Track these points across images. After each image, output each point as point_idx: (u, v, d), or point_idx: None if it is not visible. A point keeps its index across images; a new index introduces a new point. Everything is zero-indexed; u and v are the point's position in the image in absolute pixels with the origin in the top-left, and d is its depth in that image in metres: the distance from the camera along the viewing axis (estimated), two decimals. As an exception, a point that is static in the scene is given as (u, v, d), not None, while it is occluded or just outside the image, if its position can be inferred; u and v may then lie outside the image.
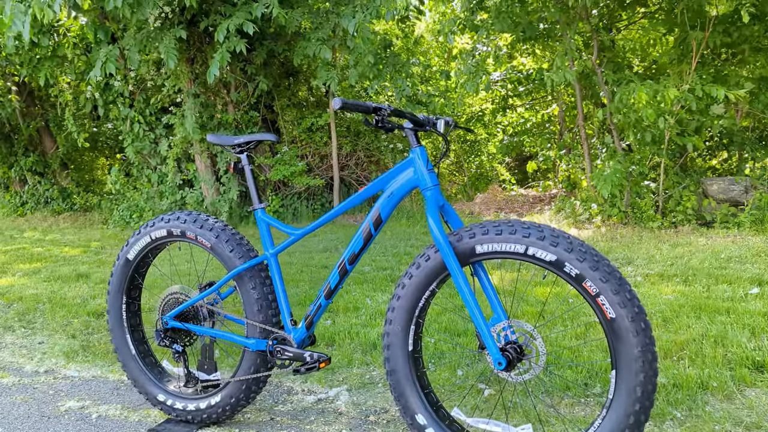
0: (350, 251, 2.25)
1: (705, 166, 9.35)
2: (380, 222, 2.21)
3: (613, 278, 1.88)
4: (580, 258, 1.90)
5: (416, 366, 2.18)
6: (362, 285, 5.01)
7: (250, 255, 2.45)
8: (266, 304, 2.41)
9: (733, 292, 4.18)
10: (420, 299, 2.13)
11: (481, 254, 2.03)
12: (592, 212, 7.60)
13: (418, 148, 2.14)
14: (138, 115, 8.90)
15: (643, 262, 5.36)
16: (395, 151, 9.73)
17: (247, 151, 2.47)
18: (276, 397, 2.95)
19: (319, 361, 2.26)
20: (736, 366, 2.98)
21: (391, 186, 2.19)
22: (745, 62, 8.21)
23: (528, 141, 10.67)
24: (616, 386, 1.89)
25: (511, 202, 9.49)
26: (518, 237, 1.97)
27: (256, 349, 2.40)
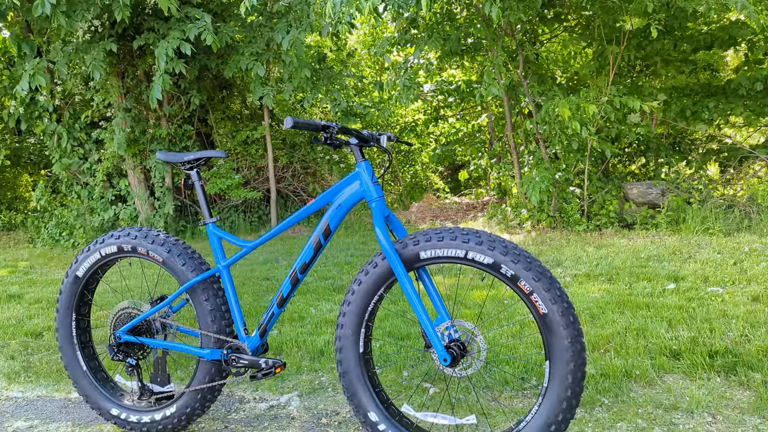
0: (301, 261, 2.37)
1: (625, 171, 9.93)
2: (329, 232, 2.34)
3: (545, 277, 2.08)
4: (515, 260, 2.08)
5: (367, 367, 2.32)
6: (305, 295, 5.10)
7: (202, 268, 2.53)
8: (220, 315, 2.49)
9: (653, 288, 4.52)
10: (369, 304, 2.27)
11: (425, 260, 2.19)
12: (522, 218, 7.95)
13: (363, 162, 2.29)
14: (65, 130, 8.68)
15: (571, 263, 5.69)
16: (331, 162, 9.86)
17: (197, 168, 2.56)
18: (228, 406, 3.02)
19: (275, 366, 2.37)
20: (656, 355, 3.25)
21: (339, 198, 2.33)
22: (657, 74, 8.80)
23: (460, 150, 11.02)
24: (550, 375, 2.08)
25: (446, 209, 9.77)
26: (458, 243, 2.14)
27: (211, 358, 2.48)
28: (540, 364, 3.21)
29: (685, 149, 9.35)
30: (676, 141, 9.48)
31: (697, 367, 3.07)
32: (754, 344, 3.24)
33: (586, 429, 2.55)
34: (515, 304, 4.33)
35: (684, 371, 3.06)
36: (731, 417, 2.58)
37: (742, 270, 4.92)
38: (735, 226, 6.96)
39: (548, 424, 2.06)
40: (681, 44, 8.24)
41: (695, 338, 3.40)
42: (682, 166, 8.79)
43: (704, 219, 7.06)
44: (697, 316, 3.78)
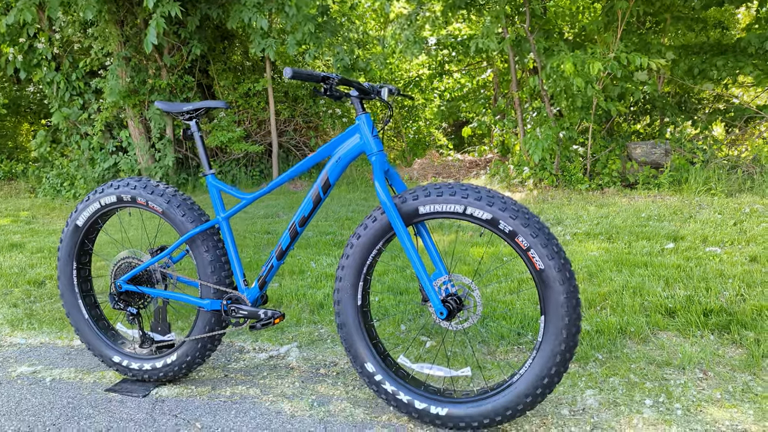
0: (300, 214, 2.37)
1: (630, 130, 9.85)
2: (329, 186, 2.33)
3: (542, 234, 2.08)
4: (513, 216, 2.09)
5: (365, 319, 2.34)
6: (306, 249, 5.13)
7: (201, 219, 2.54)
8: (219, 266, 2.51)
9: (651, 248, 4.53)
10: (368, 257, 2.28)
11: (424, 215, 2.19)
12: (525, 176, 7.92)
13: (363, 115, 2.27)
14: (64, 79, 8.58)
15: (571, 222, 5.70)
16: (334, 116, 9.78)
17: (196, 118, 2.54)
18: (228, 356, 3.07)
19: (273, 317, 2.40)
20: (651, 313, 3.29)
21: (339, 152, 2.32)
22: (666, 31, 8.64)
23: (464, 107, 10.91)
24: (545, 330, 2.10)
25: (448, 167, 9.74)
26: (457, 198, 2.14)
27: (210, 309, 2.51)
28: (536, 319, 3.25)
29: (691, 109, 9.25)
30: (682, 100, 9.37)
31: (691, 325, 3.10)
32: (749, 303, 3.26)
33: (578, 383, 2.60)
34: (513, 261, 4.35)
35: (678, 329, 3.10)
36: (722, 373, 2.62)
37: (742, 230, 4.92)
38: (737, 187, 6.94)
39: (541, 377, 2.10)
40: (692, 0, 8.06)
41: (691, 297, 3.43)
42: (688, 125, 8.72)
43: (707, 179, 7.04)
44: (694, 275, 3.80)
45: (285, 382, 2.71)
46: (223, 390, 2.65)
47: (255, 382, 2.73)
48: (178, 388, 2.68)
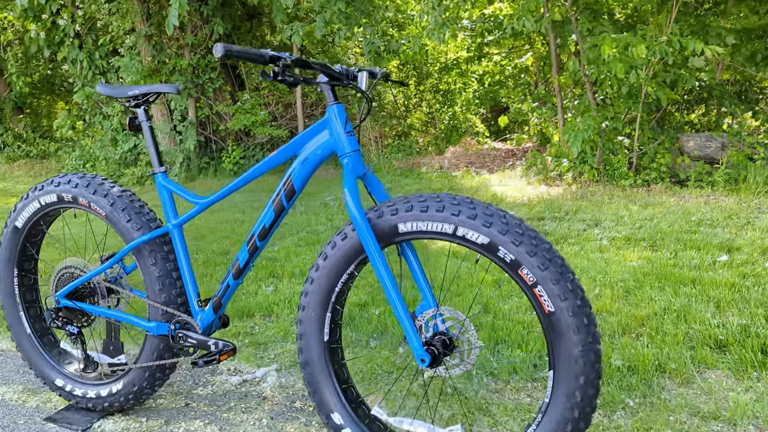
0: (260, 225, 1.95)
1: (682, 121, 9.10)
2: (293, 193, 1.89)
3: (554, 265, 1.60)
4: (516, 241, 1.61)
5: (333, 358, 1.91)
6: (314, 246, 4.72)
7: (150, 226, 2.13)
8: (169, 282, 2.11)
9: (701, 260, 3.96)
10: (336, 283, 1.84)
11: (405, 234, 1.73)
12: (563, 169, 7.33)
13: (335, 105, 1.82)
14: (87, 57, 8.34)
15: (610, 223, 5.13)
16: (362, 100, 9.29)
17: (144, 105, 2.12)
18: (197, 378, 2.68)
19: (221, 352, 1.98)
20: (697, 345, 2.76)
21: (305, 150, 1.88)
22: (727, 13, 7.87)
23: (503, 92, 10.30)
24: (554, 389, 1.63)
25: (483, 156, 9.19)
26: (446, 215, 1.67)
27: (157, 333, 2.11)
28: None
29: (752, 99, 8.46)
30: (742, 89, 8.58)
31: (746, 363, 2.57)
32: (820, 340, 2.70)
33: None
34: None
35: (730, 368, 2.57)
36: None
37: (809, 242, 4.29)
38: (803, 187, 6.22)
39: (546, 452, 1.63)
40: (758, -21, 7.28)
41: (747, 327, 2.88)
42: (748, 117, 7.94)
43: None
44: (752, 298, 3.24)
45: (251, 418, 2.31)
46: (177, 426, 2.26)
47: (217, 416, 2.33)
48: (126, 420, 2.30)
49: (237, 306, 3.44)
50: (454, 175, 8.03)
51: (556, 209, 5.79)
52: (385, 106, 10.31)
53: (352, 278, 1.87)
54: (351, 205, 1.73)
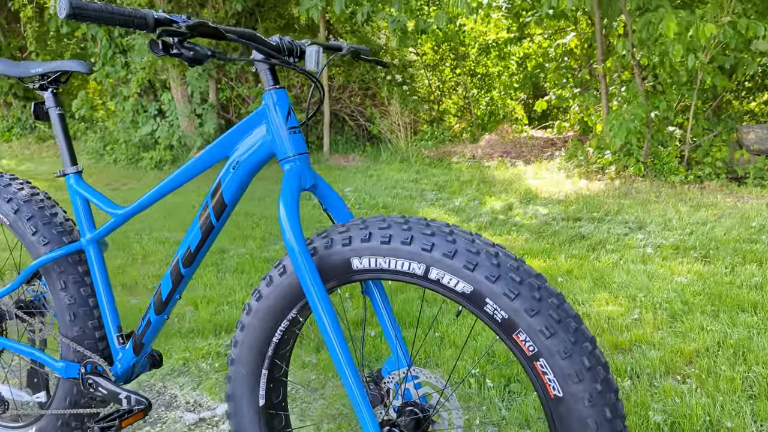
0: (185, 248, 1.49)
1: (742, 110, 8.31)
2: (224, 207, 1.43)
3: (565, 330, 1.11)
4: (512, 291, 1.12)
5: (271, 428, 1.45)
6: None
7: (63, 240, 1.70)
8: (84, 313, 1.68)
9: (764, 277, 3.36)
10: (274, 332, 1.37)
11: (361, 272, 1.25)
12: (605, 161, 6.70)
13: (273, 91, 1.34)
14: (106, 35, 8.03)
15: (656, 227, 4.53)
16: (393, 83, 8.78)
17: (53, 86, 1.68)
18: (150, 414, 2.26)
19: (130, 412, 1.54)
20: (760, 394, 2.21)
21: (237, 151, 1.41)
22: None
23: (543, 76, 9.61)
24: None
25: (519, 145, 8.57)
26: (415, 250, 1.19)
27: (67, 376, 1.69)
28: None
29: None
30: (811, 76, 7.74)
31: (825, 426, 2.02)
32: None
33: None
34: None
35: (803, 430, 2.02)
36: None
37: None
38: None
39: None
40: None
41: (825, 374, 2.31)
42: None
43: (840, 178, 5.60)
44: (829, 332, 2.65)
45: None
46: (101, 483, 1.84)
47: (154, 469, 1.91)
48: (43, 472, 1.89)
49: (217, 320, 3.02)
50: (486, 166, 7.47)
51: (595, 208, 5.20)
52: (418, 90, 9.75)
53: (296, 325, 1.40)
54: (287, 229, 1.26)
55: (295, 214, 1.27)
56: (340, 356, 1.23)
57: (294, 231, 1.25)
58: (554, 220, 4.89)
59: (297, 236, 1.25)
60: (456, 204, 5.53)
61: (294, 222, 1.26)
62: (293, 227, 1.26)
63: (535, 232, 4.51)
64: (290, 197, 1.29)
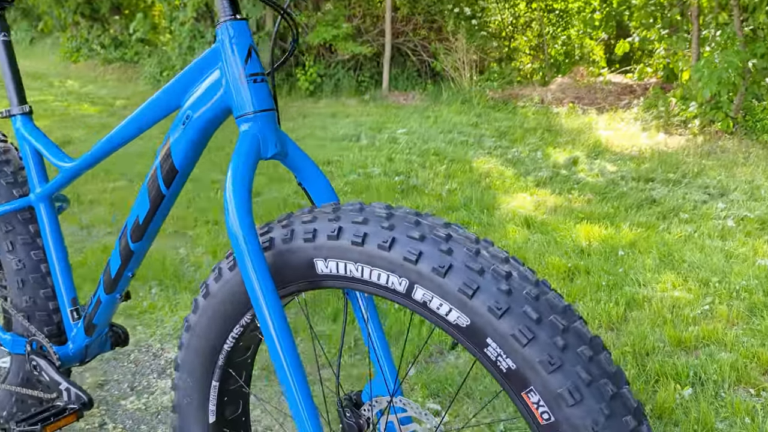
0: (133, 219, 1.20)
1: None
2: (175, 173, 1.12)
3: (598, 396, 0.76)
4: (525, 333, 0.78)
5: (224, 448, 1.17)
6: (354, 196, 3.95)
7: (12, 194, 1.44)
8: (34, 280, 1.44)
9: None
10: (225, 337, 1.08)
11: (327, 278, 0.93)
12: (689, 115, 6.02)
13: (229, 23, 1.00)
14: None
15: (741, 196, 3.97)
16: (461, 16, 8.15)
17: (-2, 9, 1.38)
18: (135, 380, 2.06)
19: (62, 412, 1.29)
20: None
21: (188, 102, 1.08)
22: None
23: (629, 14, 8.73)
24: None
25: (594, 90, 7.87)
26: (395, 258, 0.85)
27: (14, 351, 1.47)
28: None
29: None
30: None
31: None
32: None
33: None
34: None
35: None
36: None
37: None
38: None
39: None
40: None
41: None
42: None
43: None
44: None
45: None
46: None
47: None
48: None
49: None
50: (555, 112, 6.88)
51: (671, 168, 4.65)
52: (488, 25, 9.06)
53: (255, 331, 1.09)
54: (231, 210, 0.94)
55: (244, 191, 0.95)
56: (292, 382, 0.92)
57: (240, 214, 0.93)
58: (623, 179, 4.39)
59: (244, 222, 0.93)
60: (515, 154, 5.07)
61: (242, 202, 0.94)
62: (240, 209, 0.93)
63: (599, 193, 4.04)
64: (242, 168, 0.96)
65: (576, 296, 2.55)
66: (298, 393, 0.92)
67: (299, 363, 0.93)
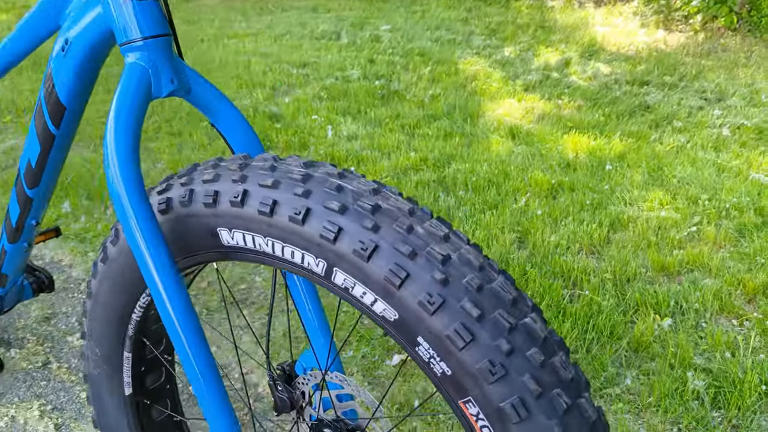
0: (25, 162, 1.02)
1: None
2: (62, 110, 0.92)
3: (549, 412, 0.62)
4: (463, 333, 0.62)
5: (149, 421, 1.05)
6: (331, 102, 3.71)
7: None
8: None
9: None
10: (132, 306, 0.93)
11: (236, 250, 0.77)
12: (691, 10, 5.65)
13: None
14: None
15: (740, 102, 3.76)
16: None
17: None
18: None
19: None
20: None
21: (68, 20, 0.87)
22: None
23: None
24: None
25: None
26: (310, 233, 0.69)
27: None
28: None
29: None
30: None
31: None
32: None
33: None
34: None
35: None
36: None
37: None
38: None
39: None
40: None
41: None
42: None
43: None
44: None
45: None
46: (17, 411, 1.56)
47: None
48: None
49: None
50: (550, 6, 6.47)
51: (668, 69, 4.39)
52: None
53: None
54: (112, 162, 0.75)
55: (129, 139, 0.76)
56: (195, 367, 0.78)
57: (124, 169, 0.75)
58: (616, 83, 4.14)
59: (129, 178, 0.75)
60: (505, 55, 4.77)
61: (126, 153, 0.76)
62: (124, 162, 0.75)
63: (590, 99, 3.81)
64: (127, 110, 0.77)
65: (558, 217, 2.41)
66: (202, 378, 0.78)
67: (203, 343, 0.78)
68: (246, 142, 0.89)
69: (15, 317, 1.87)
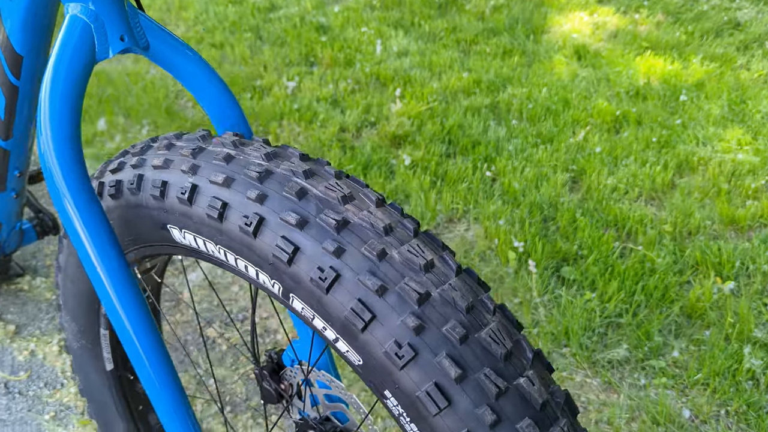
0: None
1: None
2: (20, 59, 0.80)
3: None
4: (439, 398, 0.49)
5: (134, 395, 0.99)
6: (377, 12, 3.45)
7: None
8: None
9: None
10: (101, 285, 0.83)
11: (187, 249, 0.65)
12: None
13: None
14: None
15: None
16: None
17: None
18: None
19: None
20: None
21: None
22: None
23: None
24: None
25: None
26: (262, 250, 0.56)
27: None
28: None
29: None
30: None
31: None
32: None
33: None
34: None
35: None
36: None
37: None
38: None
39: None
40: None
41: None
42: None
43: None
44: None
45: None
46: None
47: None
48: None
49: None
50: None
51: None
52: None
53: (143, 273, 0.85)
54: (45, 134, 0.63)
55: (69, 106, 0.64)
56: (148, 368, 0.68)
57: (59, 142, 0.63)
58: (705, -6, 3.68)
59: (65, 154, 0.63)
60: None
61: (64, 124, 0.63)
62: (59, 135, 0.63)
63: (672, 13, 3.41)
64: (66, 72, 0.64)
65: (619, 156, 2.19)
66: (156, 379, 0.68)
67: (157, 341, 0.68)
68: (220, 104, 0.75)
69: (44, 244, 1.85)
